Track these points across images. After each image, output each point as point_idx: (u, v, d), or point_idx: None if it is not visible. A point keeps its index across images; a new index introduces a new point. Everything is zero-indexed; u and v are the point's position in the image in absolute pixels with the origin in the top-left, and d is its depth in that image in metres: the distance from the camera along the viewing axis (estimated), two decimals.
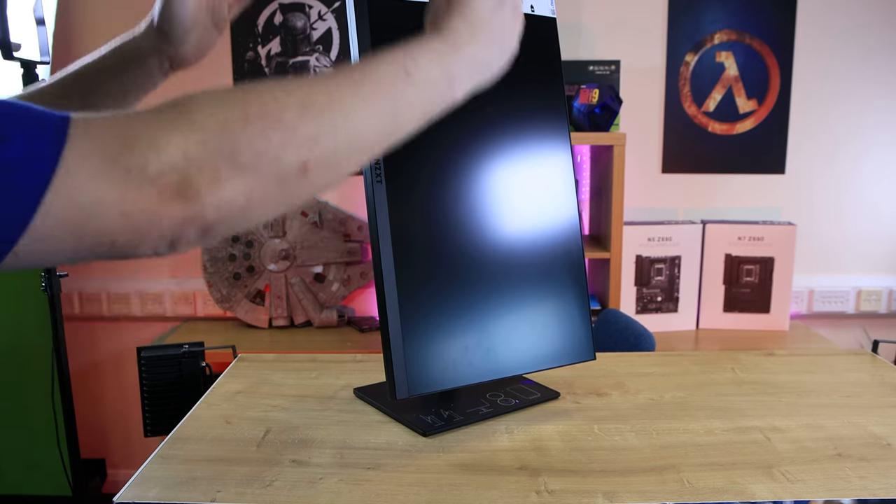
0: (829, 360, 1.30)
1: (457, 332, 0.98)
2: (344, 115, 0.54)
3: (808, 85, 2.37)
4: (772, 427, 1.01)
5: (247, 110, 0.49)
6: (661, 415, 1.06)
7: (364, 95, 0.56)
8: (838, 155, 2.41)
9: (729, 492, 0.83)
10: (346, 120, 0.54)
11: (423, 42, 0.63)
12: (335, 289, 2.40)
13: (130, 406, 2.56)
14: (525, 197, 1.06)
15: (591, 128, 2.10)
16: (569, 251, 1.08)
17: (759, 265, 2.32)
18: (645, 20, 2.35)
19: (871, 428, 1.00)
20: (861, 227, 2.44)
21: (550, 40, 1.11)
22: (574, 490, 0.84)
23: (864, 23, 2.34)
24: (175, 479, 0.86)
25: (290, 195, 0.51)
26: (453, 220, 0.99)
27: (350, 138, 0.54)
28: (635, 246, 2.31)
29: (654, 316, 2.35)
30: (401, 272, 0.94)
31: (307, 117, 0.51)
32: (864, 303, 2.44)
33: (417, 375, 0.94)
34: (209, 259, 2.33)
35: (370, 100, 0.56)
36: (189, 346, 1.28)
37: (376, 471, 0.89)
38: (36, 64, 1.74)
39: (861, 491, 0.83)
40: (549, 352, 1.06)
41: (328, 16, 2.34)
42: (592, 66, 2.31)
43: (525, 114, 1.07)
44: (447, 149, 0.99)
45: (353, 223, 2.37)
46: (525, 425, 1.02)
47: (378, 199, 0.93)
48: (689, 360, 1.31)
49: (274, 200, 0.50)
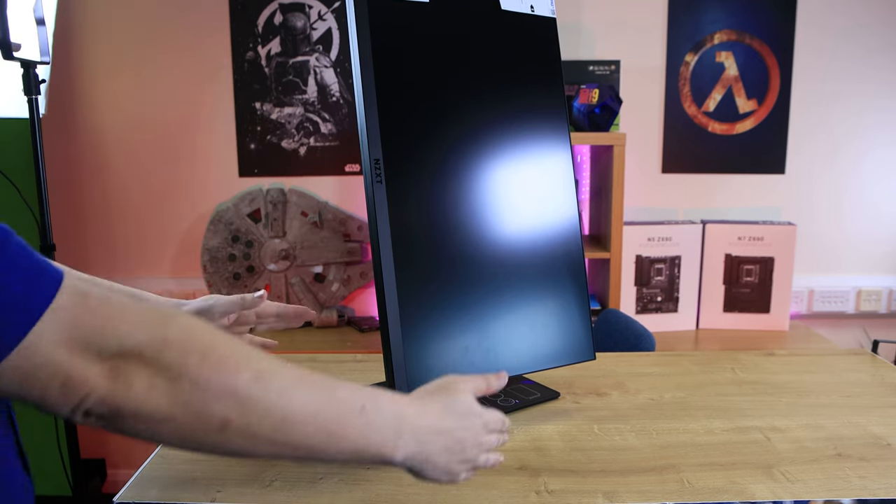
0: (829, 360, 1.30)
1: (457, 332, 0.98)
2: (283, 408, 0.57)
3: (808, 85, 2.37)
4: (772, 427, 1.01)
5: (209, 355, 0.54)
6: (661, 415, 1.06)
7: (312, 402, 0.59)
8: (838, 155, 2.41)
9: (729, 492, 0.83)
10: (284, 413, 0.57)
11: (397, 395, 0.65)
12: (335, 289, 2.40)
13: None
14: (525, 197, 1.06)
15: (591, 128, 2.10)
16: (569, 251, 1.08)
17: (759, 265, 2.32)
18: (645, 20, 2.35)
19: (871, 428, 1.00)
20: (861, 227, 2.44)
21: (550, 40, 1.11)
22: (574, 490, 0.84)
23: (864, 23, 2.33)
24: (175, 479, 0.86)
25: (201, 438, 0.55)
26: (453, 221, 0.99)
27: (277, 430, 0.57)
28: (635, 246, 2.31)
29: (654, 316, 2.35)
30: (401, 272, 0.94)
31: (254, 387, 0.55)
32: (864, 303, 2.44)
33: (417, 375, 0.94)
34: (209, 259, 2.33)
35: (315, 410, 0.59)
36: None
37: (376, 471, 0.89)
38: (36, 64, 1.74)
39: (861, 491, 0.83)
40: (549, 352, 1.06)
41: (328, 16, 2.34)
42: (592, 66, 2.31)
43: (525, 114, 1.07)
44: (447, 149, 0.99)
45: (353, 223, 2.37)
46: (525, 425, 1.02)
47: (378, 199, 0.93)
48: (689, 360, 1.31)
49: (186, 434, 0.54)
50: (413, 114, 0.97)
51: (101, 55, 2.36)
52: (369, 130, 0.93)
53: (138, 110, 2.38)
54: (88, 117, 2.38)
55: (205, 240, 2.33)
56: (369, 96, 0.93)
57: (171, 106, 2.38)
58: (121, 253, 2.46)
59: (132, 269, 2.47)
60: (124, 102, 2.38)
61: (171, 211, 2.44)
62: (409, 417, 0.64)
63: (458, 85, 1.02)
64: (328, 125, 2.39)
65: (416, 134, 0.97)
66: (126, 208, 2.42)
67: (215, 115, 2.38)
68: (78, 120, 2.39)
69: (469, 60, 1.03)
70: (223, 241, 2.33)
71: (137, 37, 2.34)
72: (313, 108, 2.38)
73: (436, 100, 0.99)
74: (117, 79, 2.37)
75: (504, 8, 1.06)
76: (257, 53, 2.35)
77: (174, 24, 2.35)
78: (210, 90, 2.37)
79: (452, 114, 1.01)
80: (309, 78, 2.36)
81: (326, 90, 2.37)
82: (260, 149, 2.40)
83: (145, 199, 2.43)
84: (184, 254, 2.46)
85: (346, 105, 2.37)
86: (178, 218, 2.45)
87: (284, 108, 2.38)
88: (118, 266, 2.47)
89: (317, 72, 2.36)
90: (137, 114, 2.38)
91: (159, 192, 2.43)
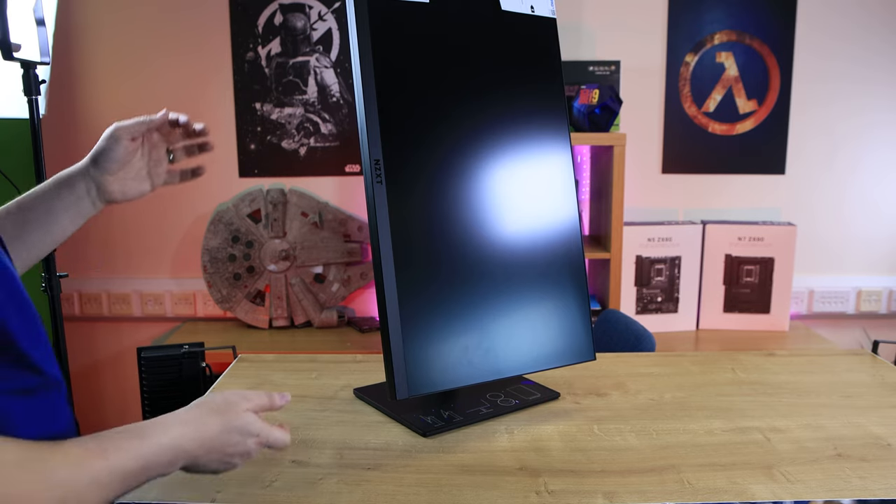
0: (829, 361, 1.30)
1: (457, 332, 0.98)
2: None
3: (808, 85, 2.37)
4: (772, 427, 1.01)
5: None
6: (661, 415, 1.06)
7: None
8: (838, 155, 2.41)
9: (729, 492, 0.83)
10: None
11: (175, 425, 0.72)
12: (335, 289, 2.40)
13: (130, 406, 2.56)
14: (525, 197, 1.06)
15: (591, 128, 2.10)
16: (569, 251, 1.08)
17: (760, 265, 2.32)
18: (645, 20, 2.35)
19: (871, 428, 1.00)
20: (861, 227, 2.44)
21: (550, 40, 1.11)
22: (574, 490, 0.84)
23: (863, 23, 2.34)
24: (175, 479, 0.86)
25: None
26: (453, 221, 0.99)
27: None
28: (635, 246, 2.31)
29: (654, 316, 2.35)
30: (401, 272, 0.93)
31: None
32: (864, 303, 2.44)
33: (417, 376, 0.94)
34: (209, 259, 2.33)
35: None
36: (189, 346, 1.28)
37: (376, 471, 0.89)
38: (36, 64, 1.74)
39: (861, 491, 0.83)
40: (549, 352, 1.06)
41: (328, 16, 2.34)
42: (592, 66, 2.31)
43: (525, 114, 1.07)
44: (447, 149, 0.99)
45: (353, 223, 2.37)
46: (525, 425, 1.02)
47: (378, 200, 0.93)
48: (689, 361, 1.31)
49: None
50: (413, 114, 0.97)
51: (101, 55, 2.36)
52: (369, 130, 0.93)
53: (138, 110, 2.36)
54: (88, 117, 2.39)
55: (205, 240, 2.33)
56: (369, 96, 0.93)
57: (171, 106, 2.36)
58: (121, 253, 2.46)
59: (132, 269, 2.47)
60: (124, 102, 2.38)
61: (171, 211, 2.44)
62: (184, 446, 0.71)
63: (459, 85, 1.02)
64: (328, 125, 2.39)
65: (416, 134, 0.97)
66: (126, 208, 2.42)
67: (215, 116, 2.38)
68: (78, 120, 2.39)
69: (469, 61, 1.03)
70: (223, 242, 2.33)
71: (137, 37, 2.34)
72: (313, 108, 2.38)
73: (436, 100, 0.99)
74: (117, 79, 2.37)
75: (504, 8, 1.06)
76: (257, 54, 2.35)
77: (174, 24, 2.35)
78: (210, 90, 2.37)
79: (452, 114, 1.01)
80: (309, 78, 2.36)
81: (326, 90, 2.37)
82: (260, 149, 2.40)
83: (145, 199, 2.41)
84: (184, 254, 2.46)
85: (346, 105, 2.37)
86: (178, 218, 2.45)
87: (284, 108, 2.38)
88: (118, 266, 2.47)
89: (317, 72, 2.36)
90: (137, 114, 2.34)
91: (159, 193, 2.41)
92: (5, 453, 0.60)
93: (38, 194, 0.94)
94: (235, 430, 0.75)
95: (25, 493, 0.59)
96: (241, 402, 0.78)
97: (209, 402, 0.77)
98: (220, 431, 0.74)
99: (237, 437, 0.75)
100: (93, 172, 0.96)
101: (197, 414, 0.74)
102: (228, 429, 0.75)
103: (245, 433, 0.76)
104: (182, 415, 0.74)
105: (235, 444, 0.75)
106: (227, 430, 0.75)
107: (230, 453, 0.75)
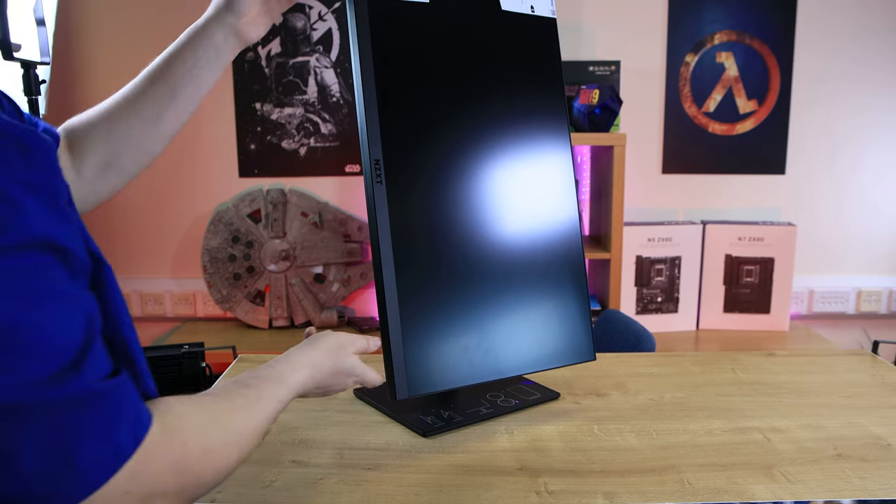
0: (829, 361, 1.30)
1: (457, 332, 0.98)
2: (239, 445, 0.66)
3: (808, 85, 2.37)
4: (772, 427, 1.01)
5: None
6: (661, 415, 1.06)
7: (253, 422, 0.68)
8: (838, 155, 2.41)
9: (729, 492, 0.83)
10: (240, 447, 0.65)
11: (296, 369, 0.80)
12: (335, 289, 2.40)
13: None
14: (525, 197, 1.06)
15: (591, 128, 2.10)
16: (569, 252, 1.08)
17: (760, 266, 2.32)
18: (645, 21, 2.35)
19: (871, 428, 1.00)
20: (861, 227, 2.44)
21: (550, 40, 1.11)
22: (574, 490, 0.84)
23: (864, 23, 2.34)
24: None
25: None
26: (453, 221, 0.99)
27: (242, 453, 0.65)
28: (635, 246, 2.31)
29: (654, 316, 2.35)
30: (401, 272, 0.93)
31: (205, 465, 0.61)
32: (864, 303, 2.44)
33: (417, 376, 0.94)
34: (209, 260, 2.33)
35: (255, 426, 0.68)
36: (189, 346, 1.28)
37: (376, 471, 0.89)
38: (36, 64, 1.74)
39: (861, 491, 0.83)
40: (549, 352, 1.06)
41: (328, 16, 2.34)
42: (592, 66, 2.31)
43: (525, 114, 1.07)
44: (447, 149, 0.99)
45: (353, 223, 2.37)
46: (525, 426, 1.02)
47: (378, 200, 0.93)
48: (689, 361, 1.31)
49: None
50: (413, 114, 0.97)
51: (101, 55, 2.36)
52: (369, 130, 0.93)
53: None
54: None
55: (205, 240, 2.33)
56: (369, 96, 0.93)
57: None
58: (121, 253, 2.46)
59: (132, 269, 2.47)
60: None
61: (171, 211, 2.44)
62: (305, 386, 0.80)
63: (458, 85, 1.02)
64: (328, 125, 2.39)
65: (416, 134, 0.97)
66: (126, 208, 2.42)
67: (215, 116, 2.38)
68: None
69: (469, 61, 1.03)
70: (223, 242, 2.33)
71: (137, 37, 2.34)
72: (313, 108, 2.38)
73: (436, 100, 0.99)
74: (117, 79, 2.36)
75: (504, 8, 1.06)
76: (257, 54, 2.35)
77: (174, 24, 2.33)
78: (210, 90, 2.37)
79: (453, 114, 1.01)
80: (309, 78, 2.36)
81: (326, 90, 2.37)
82: (260, 149, 2.40)
83: (145, 200, 2.43)
84: (184, 254, 2.46)
85: (346, 105, 2.37)
86: (178, 218, 2.45)
87: (284, 108, 2.38)
88: (118, 266, 2.47)
89: (317, 72, 2.36)
90: None
91: (159, 193, 2.43)
92: (217, 403, 0.65)
93: (174, 52, 0.94)
94: (343, 371, 0.87)
95: (245, 430, 0.64)
96: (348, 345, 0.88)
97: (325, 344, 0.86)
98: (331, 373, 0.85)
99: (343, 378, 0.87)
100: (229, 19, 0.92)
101: (317, 357, 0.84)
102: (337, 371, 0.86)
103: (349, 374, 0.88)
104: (305, 357, 0.82)
105: (339, 382, 0.87)
106: (335, 372, 0.86)
107: (332, 389, 0.87)
